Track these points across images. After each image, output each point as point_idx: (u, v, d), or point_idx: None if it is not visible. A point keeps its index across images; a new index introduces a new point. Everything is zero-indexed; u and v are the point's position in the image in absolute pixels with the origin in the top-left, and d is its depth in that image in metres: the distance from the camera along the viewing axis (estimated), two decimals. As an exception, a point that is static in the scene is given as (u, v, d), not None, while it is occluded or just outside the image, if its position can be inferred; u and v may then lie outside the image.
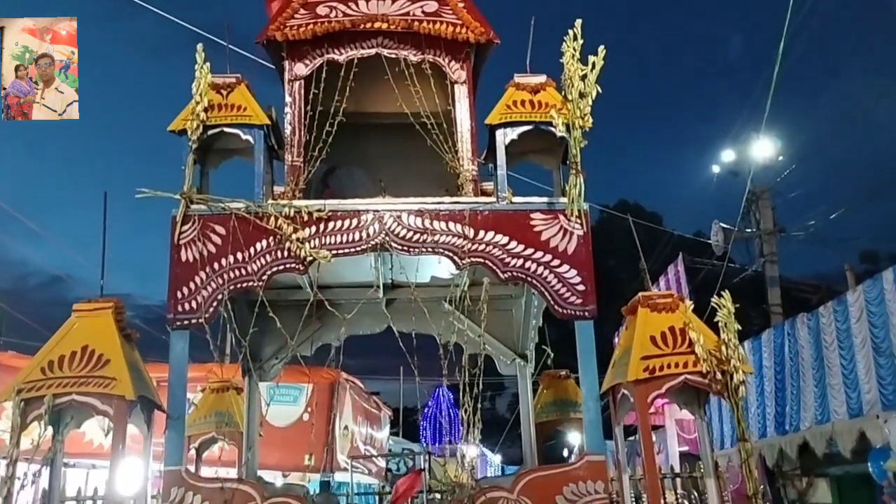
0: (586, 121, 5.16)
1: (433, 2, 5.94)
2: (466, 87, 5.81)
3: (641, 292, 4.80)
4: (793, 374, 11.90)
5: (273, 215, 5.01)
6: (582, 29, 5.28)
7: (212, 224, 5.02)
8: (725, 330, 4.46)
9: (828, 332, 10.87)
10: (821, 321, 11.12)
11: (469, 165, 5.65)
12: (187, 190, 5.04)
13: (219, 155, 5.68)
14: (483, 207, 5.19)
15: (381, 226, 5.11)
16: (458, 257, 5.08)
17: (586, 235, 5.13)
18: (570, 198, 5.10)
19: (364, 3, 5.92)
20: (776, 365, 12.60)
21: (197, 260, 4.93)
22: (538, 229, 5.13)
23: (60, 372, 4.23)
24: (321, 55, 5.79)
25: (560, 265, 5.06)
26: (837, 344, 10.56)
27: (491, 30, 5.81)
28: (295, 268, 5.02)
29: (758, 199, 20.04)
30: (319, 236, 5.06)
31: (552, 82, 5.50)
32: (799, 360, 11.70)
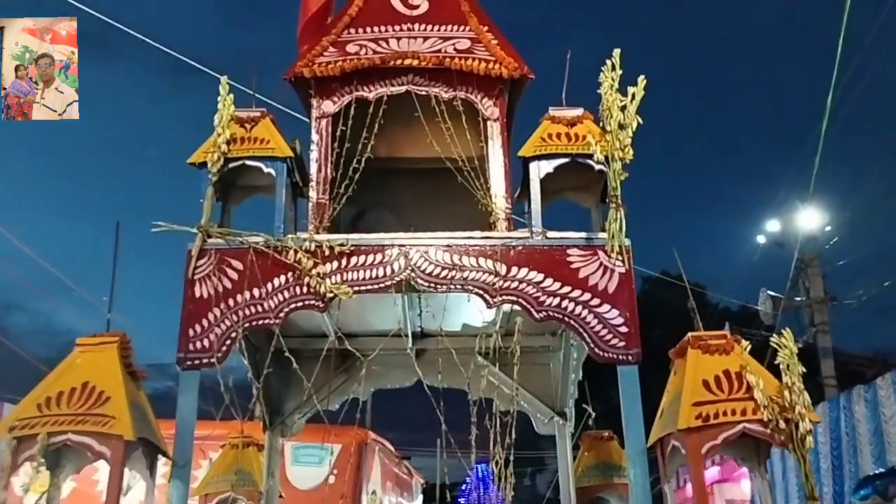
0: (626, 152, 4.85)
1: (466, 39, 5.78)
2: (500, 124, 5.56)
3: (691, 332, 4.36)
4: (850, 450, 11.20)
5: (293, 249, 4.73)
6: (621, 59, 5.03)
7: (228, 259, 4.77)
8: (788, 373, 3.98)
9: (887, 406, 10.35)
10: (879, 394, 10.55)
11: (502, 204, 5.34)
12: (205, 223, 4.81)
13: (241, 192, 5.49)
14: (516, 242, 4.85)
15: (406, 261, 4.80)
16: (488, 295, 4.72)
17: (628, 273, 4.74)
18: (611, 233, 4.74)
19: (395, 42, 5.78)
20: (832, 441, 11.93)
21: (211, 296, 4.65)
22: (576, 266, 4.76)
23: (57, 409, 3.92)
24: (350, 92, 5.62)
25: (600, 304, 4.66)
26: (899, 418, 9.99)
27: (525, 65, 5.60)
28: (314, 305, 4.71)
29: (807, 266, 19.38)
30: (341, 272, 4.76)
31: (590, 115, 5.23)
32: (856, 435, 11.08)
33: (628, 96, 4.93)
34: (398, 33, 5.83)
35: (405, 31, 5.84)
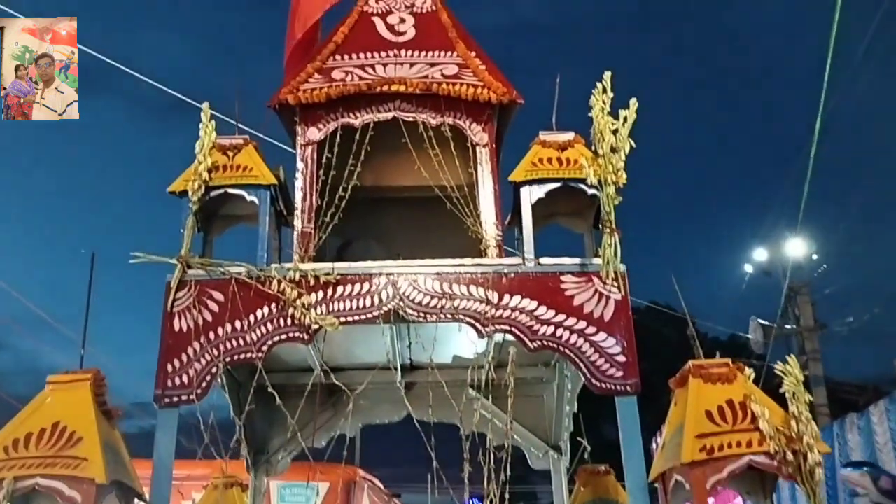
0: (620, 176, 4.73)
1: (453, 65, 5.68)
2: (489, 149, 5.44)
3: (692, 360, 4.20)
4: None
5: (276, 279, 4.55)
6: (612, 81, 4.94)
7: (209, 290, 4.57)
8: (794, 402, 3.82)
9: (880, 434, 10.27)
10: (872, 421, 10.47)
11: (493, 231, 5.19)
12: (185, 254, 4.62)
13: (224, 221, 5.32)
14: (508, 270, 4.69)
15: (395, 290, 4.63)
16: (480, 325, 4.55)
17: (625, 300, 4.59)
18: (605, 258, 4.59)
19: (381, 68, 5.67)
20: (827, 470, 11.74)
21: (191, 329, 4.45)
22: (570, 293, 4.60)
23: (25, 451, 3.68)
24: (336, 119, 5.49)
25: (596, 333, 4.50)
26: (892, 445, 9.90)
27: (514, 90, 5.50)
28: (299, 337, 4.51)
29: (796, 294, 19.34)
30: (327, 302, 4.58)
31: (581, 139, 5.12)
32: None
33: (620, 119, 4.83)
34: (384, 59, 5.73)
35: (392, 58, 5.74)
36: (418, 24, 6.00)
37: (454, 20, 6.07)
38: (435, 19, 6.03)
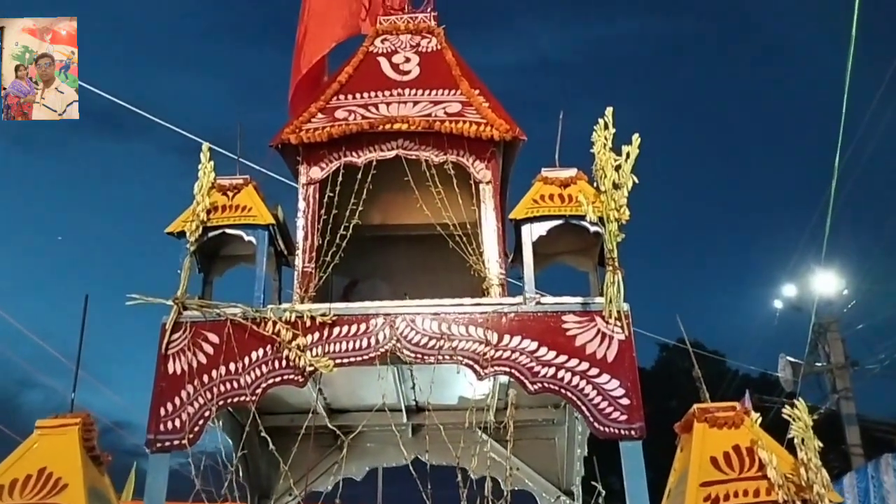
0: (622, 213, 4.62)
1: (456, 102, 5.65)
2: (492, 187, 5.37)
3: (697, 404, 4.04)
4: (881, 522, 10.61)
5: (272, 321, 4.48)
6: (613, 117, 4.86)
7: (204, 332, 4.52)
8: (803, 448, 3.63)
9: None
10: None
11: (496, 270, 5.09)
12: (180, 295, 4.58)
13: (223, 262, 5.29)
14: (508, 309, 4.58)
15: (392, 331, 4.53)
16: (479, 366, 4.43)
17: (628, 340, 4.44)
18: (608, 297, 4.47)
19: (385, 107, 5.66)
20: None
21: (185, 372, 4.39)
22: (572, 333, 4.47)
23: (10, 499, 3.62)
24: (338, 158, 5.47)
25: (599, 375, 4.35)
26: (930, 487, 9.47)
27: (517, 127, 5.44)
28: (293, 380, 4.43)
29: (825, 331, 18.87)
30: (323, 343, 4.49)
31: (583, 175, 5.03)
32: (887, 505, 10.45)
33: (622, 155, 4.74)
34: (388, 98, 5.72)
35: (395, 97, 5.73)
36: (423, 63, 6.00)
37: (459, 59, 6.07)
38: (440, 58, 6.03)
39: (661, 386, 24.40)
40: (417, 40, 6.18)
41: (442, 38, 6.18)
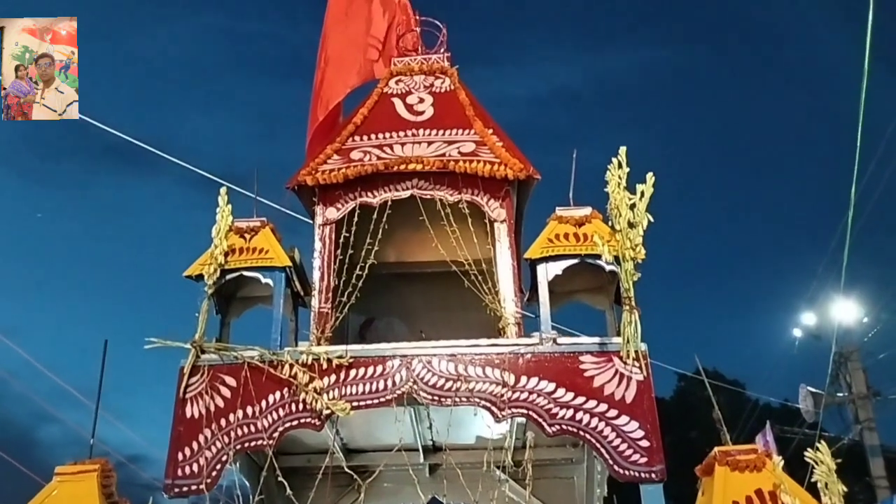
0: (638, 252, 4.61)
1: (470, 142, 5.70)
2: (507, 225, 5.38)
3: (718, 447, 3.99)
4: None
5: (289, 363, 4.49)
6: (627, 157, 4.88)
7: (221, 375, 4.54)
8: (827, 493, 3.57)
9: None
10: None
11: (512, 308, 5.09)
12: (198, 338, 4.61)
13: (241, 304, 5.32)
14: (524, 350, 4.56)
15: (408, 373, 4.53)
16: (496, 408, 4.41)
17: (647, 380, 4.41)
18: (625, 337, 4.45)
19: (399, 147, 5.72)
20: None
21: (203, 416, 4.40)
22: (590, 374, 4.44)
23: (30, 546, 3.63)
24: (353, 198, 5.52)
25: (618, 416, 4.32)
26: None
27: (531, 166, 5.47)
28: (310, 423, 4.42)
29: (846, 360, 18.59)
30: (340, 386, 4.49)
31: (598, 214, 5.04)
32: (914, 540, 10.21)
33: (637, 194, 4.74)
34: (402, 139, 5.78)
35: (409, 137, 5.79)
36: (437, 104, 6.07)
37: (472, 98, 6.13)
38: (453, 98, 6.10)
39: (680, 417, 24.04)
40: (431, 81, 6.25)
41: (455, 78, 6.25)
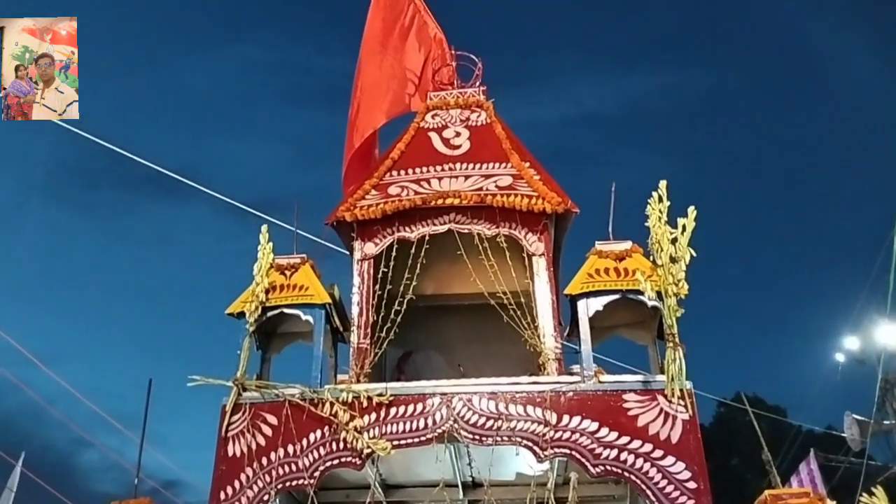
0: (681, 287, 4.54)
1: (507, 176, 5.70)
2: (545, 259, 5.35)
3: (768, 490, 3.88)
4: None
5: (329, 402, 4.49)
6: (668, 190, 4.84)
7: (263, 413, 4.56)
8: (885, 538, 3.44)
9: None
10: None
11: (551, 343, 5.03)
12: (240, 376, 4.64)
13: (281, 340, 5.35)
14: (566, 388, 4.51)
15: (449, 411, 4.50)
16: (538, 448, 4.35)
17: (693, 420, 4.31)
18: (670, 375, 4.37)
19: (437, 182, 5.74)
20: None
21: (245, 454, 4.41)
22: (633, 413, 4.37)
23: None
24: (392, 233, 5.54)
25: (663, 457, 4.23)
26: None
27: (569, 199, 5.45)
28: (351, 462, 4.41)
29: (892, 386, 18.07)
30: (380, 424, 4.48)
31: (639, 248, 4.98)
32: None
33: (678, 227, 4.69)
34: (440, 173, 5.80)
35: (447, 171, 5.80)
36: (473, 138, 6.08)
37: (508, 131, 6.14)
38: (489, 132, 6.11)
39: (721, 443, 23.50)
40: (467, 114, 6.28)
41: (491, 111, 6.27)
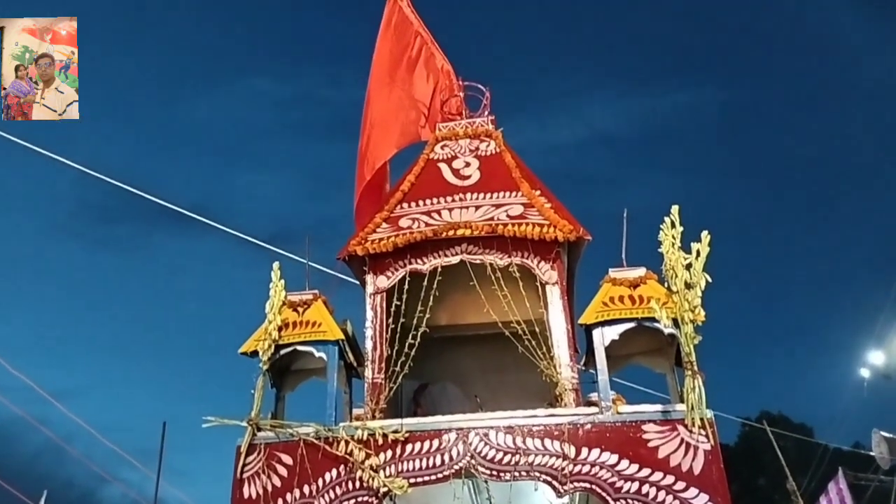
0: (697, 314, 4.47)
1: (518, 205, 5.68)
2: (559, 287, 5.30)
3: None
4: None
5: (344, 440, 4.45)
6: (680, 215, 4.78)
7: (278, 453, 4.51)
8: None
9: None
10: None
11: (568, 373, 4.97)
12: (255, 416, 4.61)
13: (295, 377, 5.32)
14: (584, 420, 4.43)
15: (465, 447, 4.43)
16: (557, 482, 4.26)
17: (715, 449, 4.22)
18: (689, 404, 4.28)
19: (447, 213, 5.73)
20: None
21: (260, 496, 4.37)
22: (654, 444, 4.28)
23: None
24: (403, 266, 5.52)
25: (685, 489, 4.13)
26: None
27: (581, 227, 5.41)
28: (367, 502, 4.34)
29: (921, 402, 17.73)
30: (396, 462, 4.42)
31: (653, 275, 4.91)
32: None
33: (692, 252, 4.62)
34: (450, 204, 5.78)
35: (457, 202, 5.79)
36: (483, 167, 6.07)
37: (518, 160, 6.11)
38: (499, 161, 6.09)
39: (746, 463, 23.10)
40: (476, 144, 6.27)
41: (500, 140, 6.26)
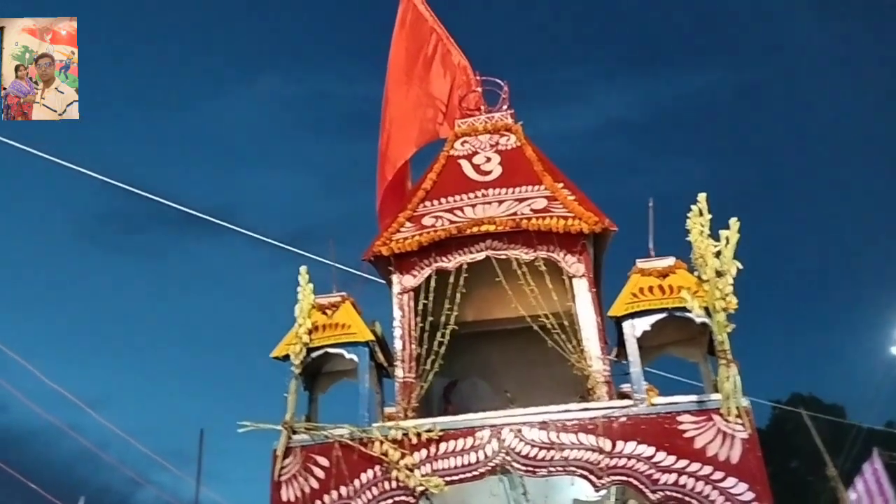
0: (729, 302, 4.42)
1: (541, 198, 5.64)
2: (587, 279, 5.27)
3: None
4: None
5: (378, 440, 4.46)
6: (708, 203, 4.73)
7: (314, 455, 4.55)
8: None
9: None
10: None
11: (599, 365, 4.94)
12: (289, 419, 4.64)
13: (327, 379, 5.35)
14: (619, 413, 4.41)
15: (499, 444, 4.43)
16: (594, 476, 4.25)
17: (752, 438, 4.18)
18: (725, 393, 4.24)
19: (471, 209, 5.71)
20: None
21: (299, 498, 4.40)
22: (690, 435, 4.25)
23: None
24: (429, 264, 5.52)
25: (724, 478, 4.10)
26: None
27: (606, 217, 5.37)
28: (404, 501, 4.37)
29: (956, 379, 17.46)
30: (431, 460, 4.43)
31: (682, 264, 4.87)
32: None
33: (721, 240, 4.57)
34: (473, 200, 5.76)
35: (480, 198, 5.77)
36: (504, 162, 6.04)
37: (539, 153, 6.07)
38: (520, 155, 6.05)
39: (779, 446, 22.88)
40: (496, 139, 6.24)
41: (521, 134, 6.22)
